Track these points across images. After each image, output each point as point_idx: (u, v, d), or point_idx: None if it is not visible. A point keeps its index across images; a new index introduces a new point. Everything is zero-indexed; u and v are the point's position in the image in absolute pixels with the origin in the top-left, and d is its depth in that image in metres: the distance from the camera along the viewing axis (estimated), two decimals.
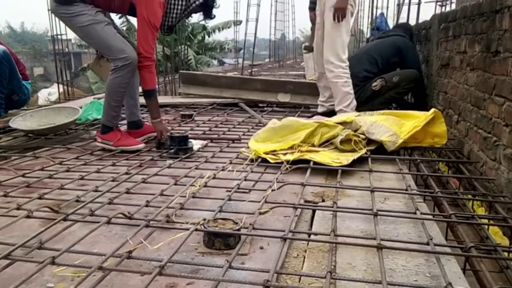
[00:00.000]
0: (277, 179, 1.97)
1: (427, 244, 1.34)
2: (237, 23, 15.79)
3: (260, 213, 1.55)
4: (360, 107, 3.50)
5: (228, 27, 16.46)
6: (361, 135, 2.46)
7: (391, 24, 8.74)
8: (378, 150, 2.47)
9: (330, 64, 3.40)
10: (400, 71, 3.83)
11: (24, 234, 1.40)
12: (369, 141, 2.48)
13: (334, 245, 1.33)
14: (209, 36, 16.79)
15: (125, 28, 15.77)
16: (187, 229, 1.38)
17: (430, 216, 1.61)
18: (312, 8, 3.69)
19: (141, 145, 2.74)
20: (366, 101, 3.67)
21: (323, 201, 1.82)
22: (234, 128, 3.38)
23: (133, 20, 3.01)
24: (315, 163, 2.22)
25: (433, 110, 2.55)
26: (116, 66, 2.63)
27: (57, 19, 4.42)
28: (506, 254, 1.48)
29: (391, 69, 3.85)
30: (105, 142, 2.69)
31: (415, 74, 3.71)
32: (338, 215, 1.58)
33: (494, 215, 1.74)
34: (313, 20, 3.71)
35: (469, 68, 2.64)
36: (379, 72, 3.78)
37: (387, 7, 8.05)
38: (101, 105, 3.73)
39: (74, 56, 24.22)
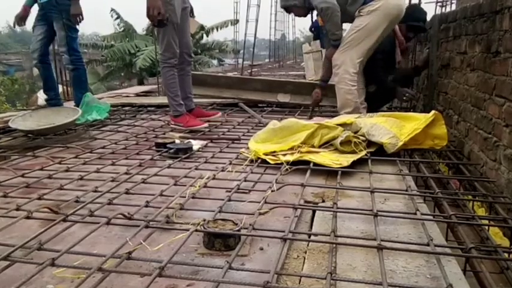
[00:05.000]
0: (277, 179, 1.96)
1: (428, 245, 1.33)
2: (234, 22, 15.76)
3: (260, 214, 1.55)
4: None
5: (226, 27, 16.39)
6: (361, 137, 2.46)
7: None
8: (378, 152, 2.46)
9: (338, 67, 3.32)
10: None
11: (23, 235, 1.39)
12: (369, 143, 2.48)
13: (334, 245, 1.33)
14: (207, 36, 16.71)
15: (122, 30, 15.76)
16: (187, 230, 1.38)
17: (430, 217, 1.61)
18: None
19: (205, 124, 3.29)
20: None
21: (323, 201, 1.82)
22: (233, 128, 3.38)
23: (132, 21, 3.04)
24: (315, 164, 2.22)
25: (433, 112, 2.55)
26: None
27: None
28: (506, 255, 1.48)
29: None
30: (177, 124, 3.27)
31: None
32: (338, 216, 1.57)
33: (495, 215, 1.73)
34: None
35: (469, 68, 2.64)
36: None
37: None
38: (99, 105, 3.73)
39: None
